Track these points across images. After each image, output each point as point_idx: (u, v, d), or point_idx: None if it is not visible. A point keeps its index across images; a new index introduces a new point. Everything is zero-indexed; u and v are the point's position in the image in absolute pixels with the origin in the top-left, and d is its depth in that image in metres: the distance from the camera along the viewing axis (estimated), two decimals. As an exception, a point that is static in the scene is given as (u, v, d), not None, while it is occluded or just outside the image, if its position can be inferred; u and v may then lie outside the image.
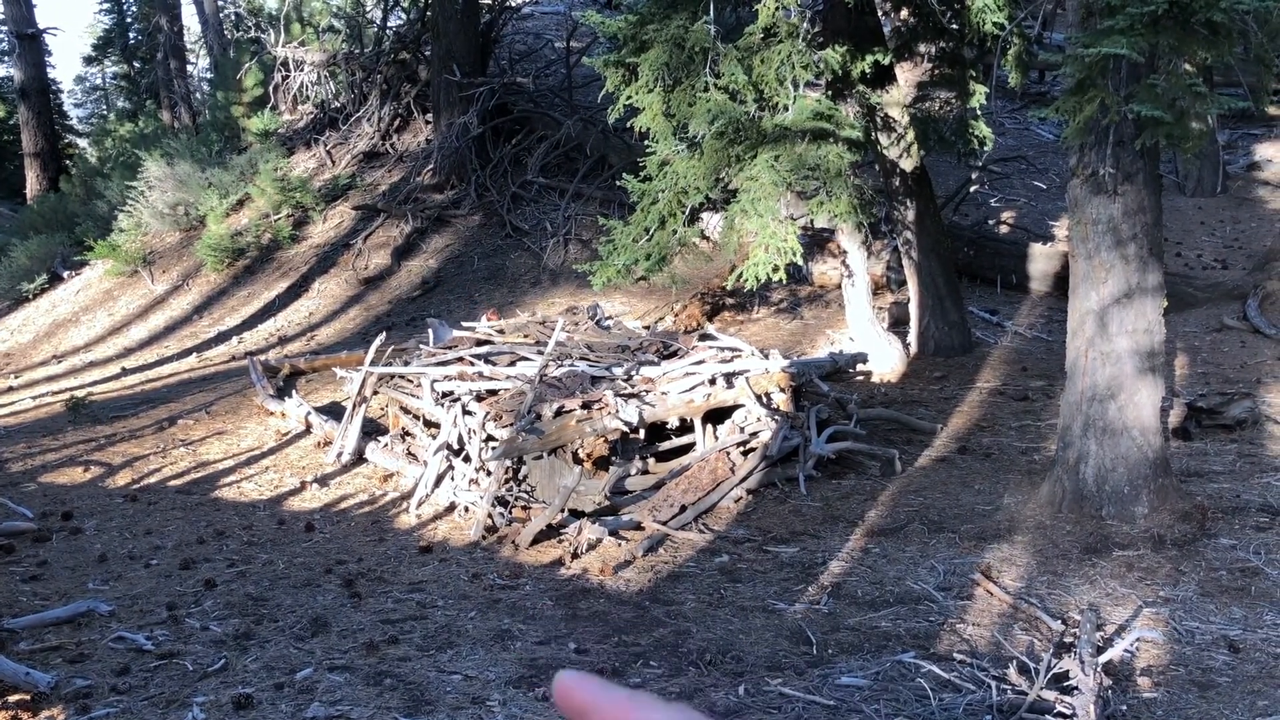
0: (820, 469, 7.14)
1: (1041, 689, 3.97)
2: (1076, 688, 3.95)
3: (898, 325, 10.60)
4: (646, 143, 8.16)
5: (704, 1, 7.67)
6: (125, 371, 12.32)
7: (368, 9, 20.42)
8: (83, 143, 34.08)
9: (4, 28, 27.31)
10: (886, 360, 9.57)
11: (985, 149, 10.71)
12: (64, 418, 9.61)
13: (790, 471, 7.00)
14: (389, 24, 18.91)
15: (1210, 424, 7.67)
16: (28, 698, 4.17)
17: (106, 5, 35.62)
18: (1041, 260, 12.08)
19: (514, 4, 18.46)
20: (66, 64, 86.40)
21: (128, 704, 4.15)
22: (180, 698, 4.18)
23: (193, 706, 4.07)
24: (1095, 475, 5.94)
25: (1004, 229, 13.87)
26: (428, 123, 16.76)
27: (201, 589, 5.50)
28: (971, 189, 14.48)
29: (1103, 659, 4.18)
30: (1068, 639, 4.52)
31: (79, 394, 10.20)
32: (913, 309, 10.15)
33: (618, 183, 9.38)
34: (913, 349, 10.05)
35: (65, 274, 16.57)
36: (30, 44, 23.79)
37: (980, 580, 5.25)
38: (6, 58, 30.98)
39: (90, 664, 4.56)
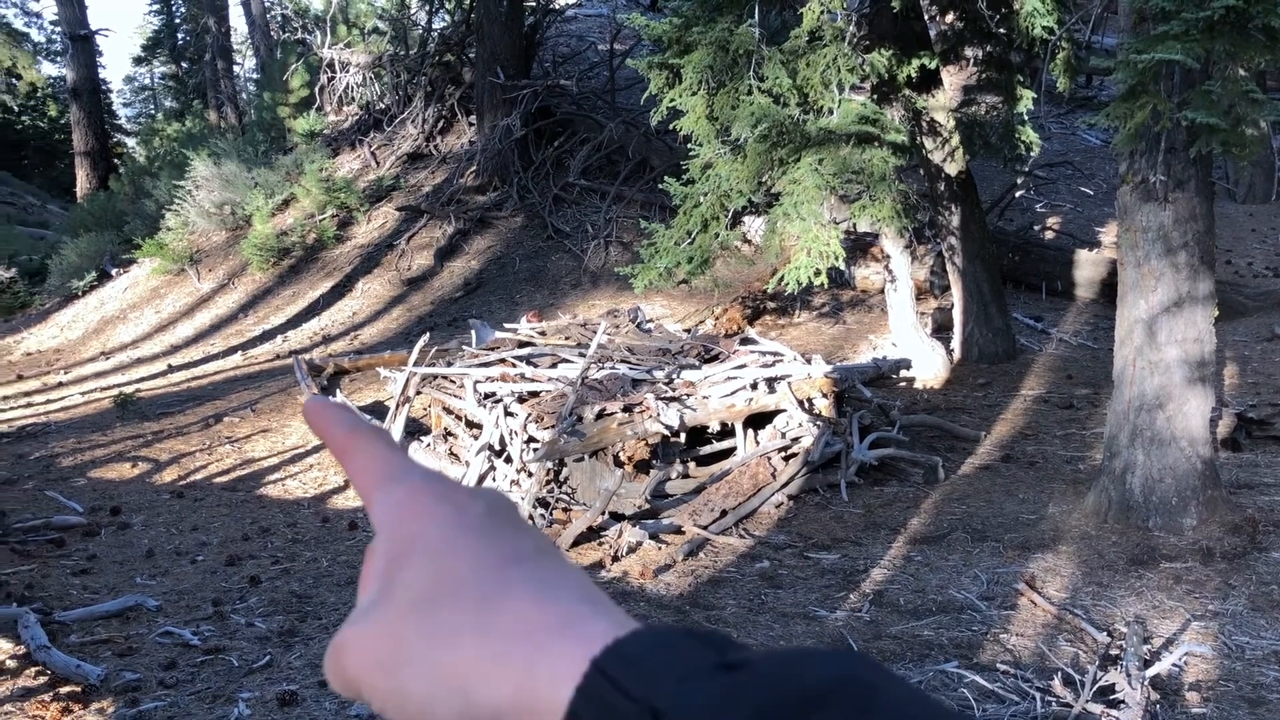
0: (862, 475, 7.10)
1: (1087, 702, 3.92)
2: (1123, 701, 3.90)
3: (941, 331, 10.52)
4: (689, 145, 8.16)
5: (749, 4, 7.66)
6: (172, 369, 12.49)
7: (413, 11, 20.58)
8: (131, 142, 34.64)
9: (58, 29, 27.77)
10: (930, 366, 9.50)
11: (1031, 154, 10.62)
12: (112, 414, 9.76)
13: (832, 477, 6.97)
14: (433, 26, 19.04)
15: (1260, 435, 7.55)
16: (78, 689, 4.24)
17: (156, 6, 36.18)
18: (1088, 267, 11.94)
19: (557, 6, 18.52)
20: (116, 64, 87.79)
21: (175, 698, 4.20)
22: (226, 693, 4.24)
23: (238, 702, 4.12)
24: (1142, 485, 5.86)
25: (1049, 235, 13.73)
26: (471, 124, 16.86)
27: (246, 585, 5.56)
28: (1017, 194, 14.35)
29: (1150, 673, 4.12)
30: (1113, 651, 4.46)
31: (127, 391, 10.35)
32: (956, 315, 10.07)
33: (659, 185, 9.39)
34: (956, 355, 9.97)
35: (114, 272, 16.83)
36: (83, 45, 24.20)
37: (1024, 590, 5.20)
38: (60, 58, 31.53)
39: (138, 658, 4.63)
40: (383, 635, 0.48)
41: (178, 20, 35.72)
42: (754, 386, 7.07)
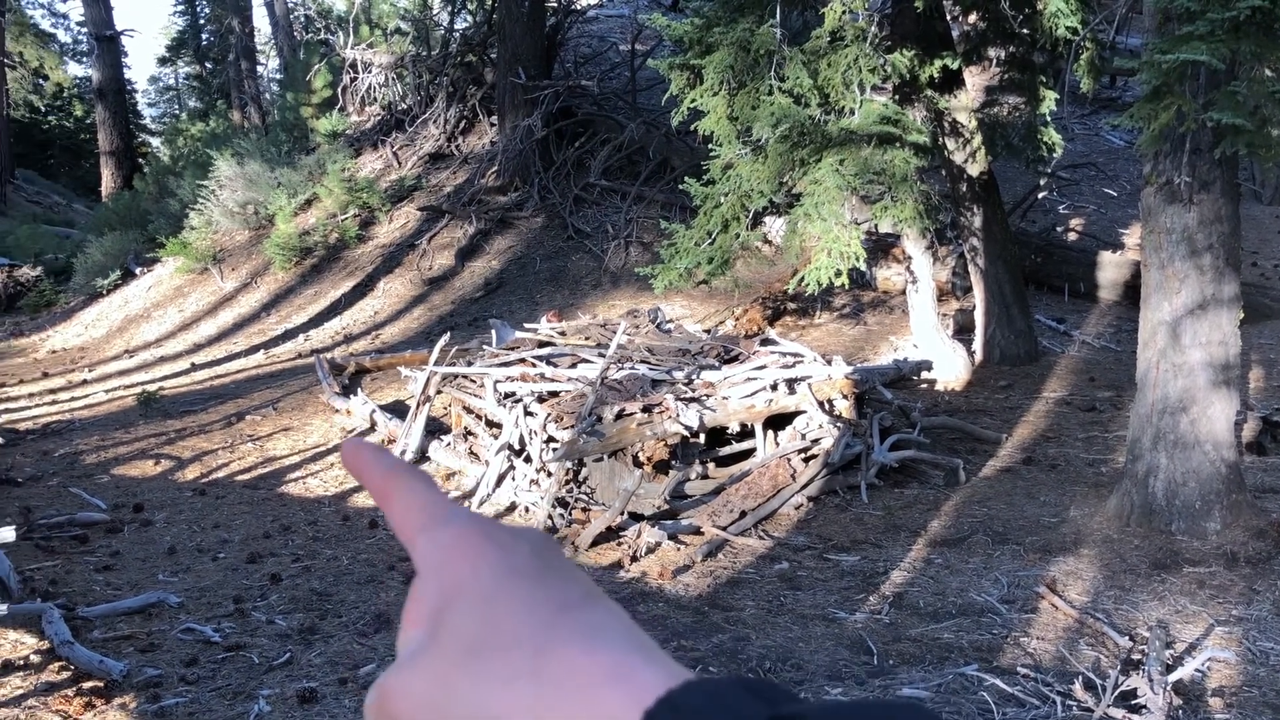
0: (882, 477, 7.07)
1: (1108, 706, 3.90)
2: (1145, 706, 3.88)
3: (962, 333, 10.47)
4: (709, 146, 8.15)
5: (770, 5, 7.65)
6: (195, 367, 12.57)
7: (435, 12, 20.65)
8: (156, 142, 34.90)
9: (84, 30, 28.02)
10: (951, 368, 9.46)
11: (1054, 155, 10.56)
12: (135, 411, 9.83)
13: (852, 479, 6.95)
14: (455, 27, 19.10)
15: (1286, 439, 7.49)
16: (101, 685, 4.28)
17: (181, 7, 36.45)
18: (1111, 268, 11.87)
19: (579, 7, 18.54)
20: (141, 65, 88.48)
21: (196, 694, 4.23)
22: (246, 690, 4.26)
23: (258, 699, 4.14)
24: (1165, 489, 5.82)
25: (1072, 236, 13.65)
26: (492, 125, 16.90)
27: (267, 583, 5.59)
28: (1040, 195, 14.27)
29: (1172, 678, 4.09)
30: (1135, 656, 4.43)
31: (150, 388, 10.43)
32: (978, 316, 10.02)
33: (680, 186, 9.38)
34: (978, 357, 9.93)
35: (138, 270, 16.96)
36: (108, 45, 24.41)
37: (1045, 593, 5.17)
38: (86, 59, 31.80)
39: (160, 654, 4.66)
40: (433, 681, 0.47)
41: (202, 21, 35.98)
42: (774, 387, 7.06)
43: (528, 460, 6.90)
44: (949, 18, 9.47)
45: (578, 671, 0.45)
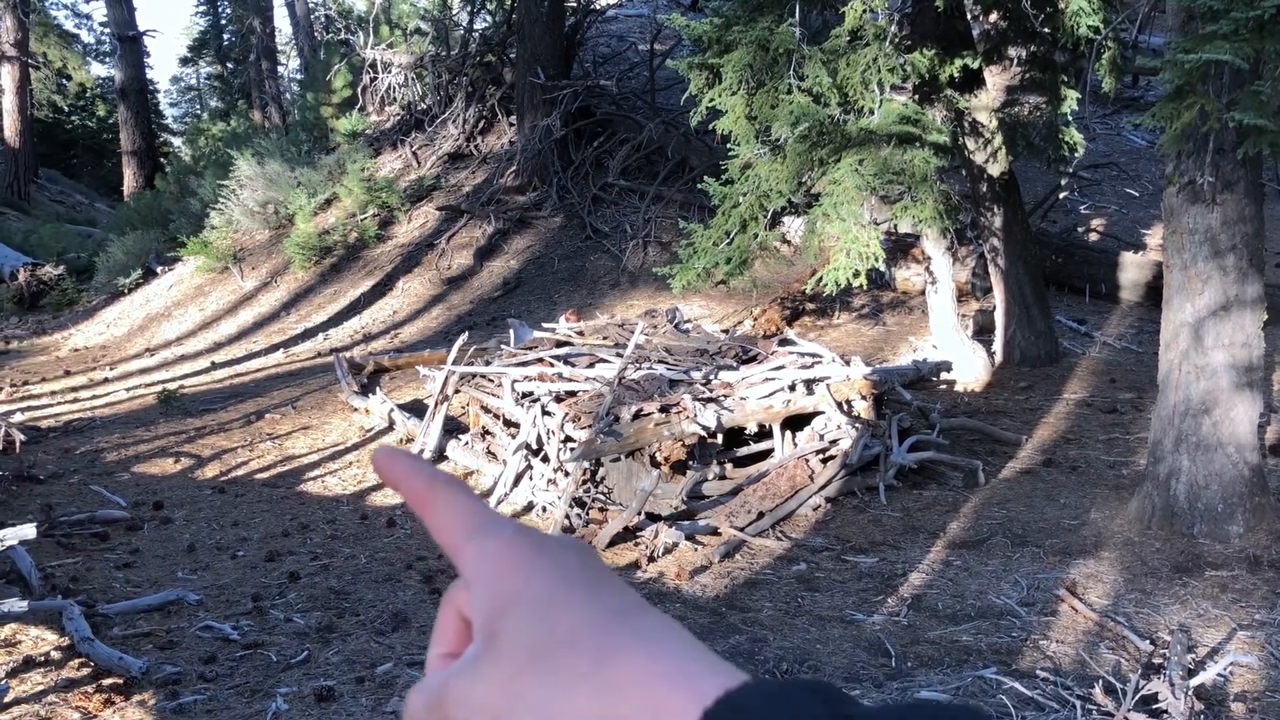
0: (901, 478, 7.04)
1: (1129, 711, 3.87)
2: (1166, 711, 3.84)
3: (982, 333, 10.42)
4: (728, 146, 8.14)
5: (789, 4, 7.63)
6: (215, 366, 12.64)
7: (454, 12, 20.70)
8: (177, 141, 35.12)
9: (107, 30, 28.21)
10: (970, 369, 9.41)
11: (1075, 155, 10.48)
12: (156, 410, 9.89)
13: (870, 480, 6.92)
14: (475, 27, 19.14)
15: (1310, 441, 7.41)
16: (120, 681, 4.30)
17: (202, 8, 36.66)
18: (1132, 269, 11.78)
19: (598, 7, 18.55)
20: (163, 65, 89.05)
21: (214, 692, 4.25)
22: (264, 688, 4.28)
23: (276, 697, 4.15)
24: (1187, 492, 5.77)
25: (1094, 237, 13.56)
26: (511, 125, 16.92)
27: (285, 581, 5.61)
28: (1061, 195, 14.18)
29: (1194, 682, 4.05)
30: (1156, 660, 4.40)
31: (170, 387, 10.49)
32: (998, 317, 9.97)
33: (698, 186, 9.36)
34: (998, 358, 9.88)
35: (159, 269, 17.06)
36: (131, 46, 24.57)
37: (1065, 596, 5.14)
38: (109, 59, 32.03)
39: (179, 651, 4.69)
40: (494, 687, 0.48)
41: (224, 21, 36.18)
42: (792, 388, 7.04)
43: (545, 460, 6.90)
44: (969, 17, 9.42)
45: (639, 674, 0.46)
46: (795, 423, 7.17)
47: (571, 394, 7.10)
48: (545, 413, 6.94)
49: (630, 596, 0.51)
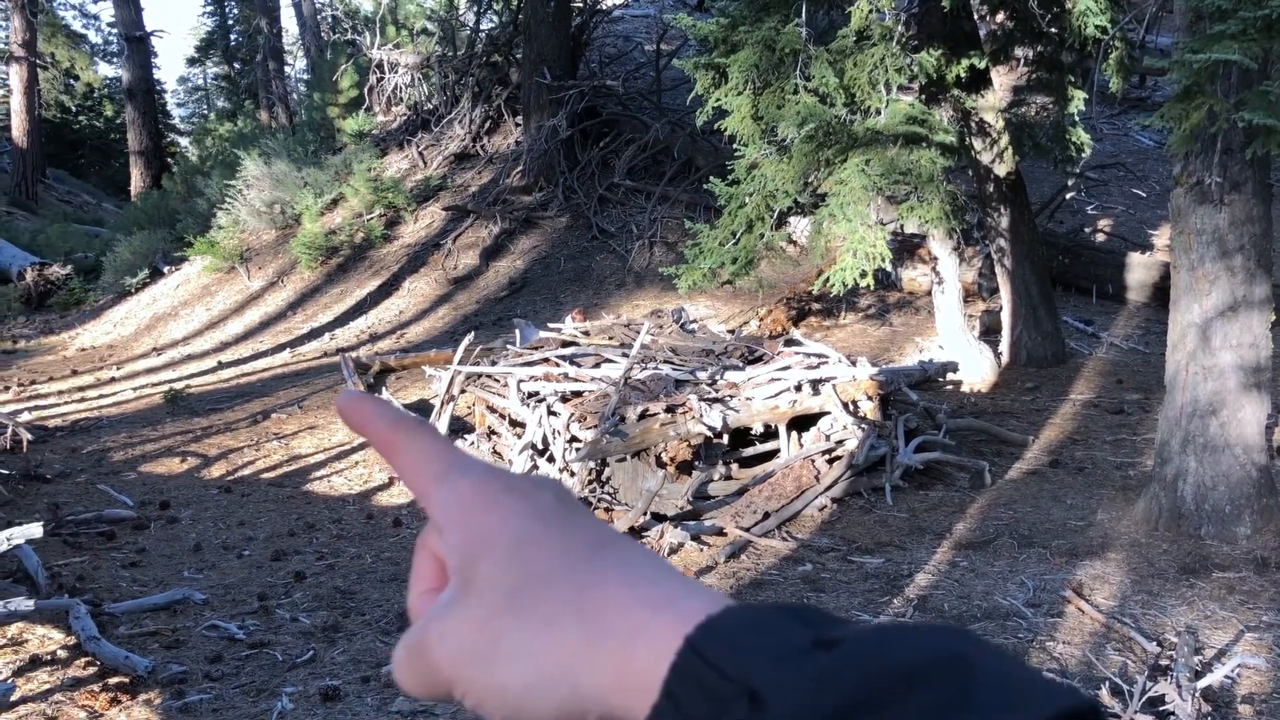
0: (907, 479, 7.03)
1: (1136, 712, 3.85)
2: (1173, 713, 3.83)
3: (989, 334, 10.40)
4: (734, 146, 8.13)
5: (796, 4, 7.62)
6: (221, 365, 12.66)
7: (461, 12, 20.71)
8: (184, 141, 35.19)
9: (115, 30, 28.30)
10: (977, 370, 9.40)
11: (1082, 155, 10.47)
12: (163, 409, 9.91)
13: (876, 481, 6.91)
14: (481, 27, 19.14)
15: (1318, 443, 7.38)
16: (127, 680, 4.31)
17: (210, 9, 36.75)
18: (1140, 270, 11.75)
19: (604, 7, 18.55)
20: (171, 65, 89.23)
21: (220, 691, 4.25)
22: (270, 687, 4.28)
23: (282, 696, 4.16)
24: (1194, 493, 5.75)
25: (1101, 237, 13.53)
26: (518, 125, 16.93)
27: (291, 580, 5.62)
28: (1068, 196, 14.16)
29: (1201, 684, 4.04)
30: (1163, 662, 4.38)
31: (177, 386, 10.51)
32: (1005, 318, 9.95)
33: (704, 186, 9.36)
34: (1004, 359, 9.86)
35: (166, 269, 17.10)
36: (138, 46, 24.63)
37: (1071, 598, 5.12)
38: (116, 59, 32.12)
39: (185, 650, 4.69)
40: (475, 629, 0.48)
41: (231, 22, 36.26)
42: (798, 388, 7.03)
43: (551, 460, 6.90)
44: (976, 17, 9.41)
45: (620, 602, 0.46)
46: (801, 423, 7.16)
47: (577, 394, 7.10)
48: (551, 413, 6.94)
49: (607, 530, 0.51)
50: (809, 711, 0.39)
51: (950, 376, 9.35)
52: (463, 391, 8.26)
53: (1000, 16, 9.50)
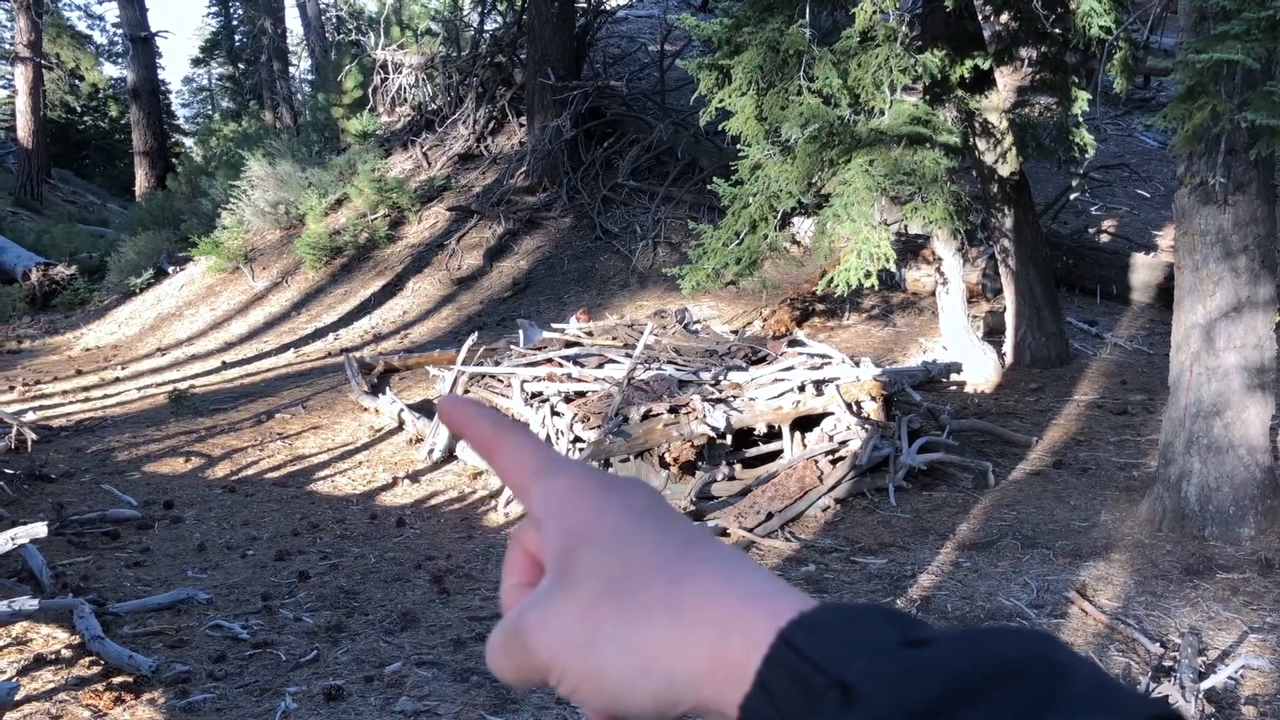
0: (910, 480, 7.03)
1: (1139, 714, 3.84)
2: (1176, 714, 3.82)
3: (993, 335, 10.39)
4: (738, 147, 8.14)
5: (800, 4, 7.62)
6: (225, 365, 12.68)
7: (465, 13, 20.72)
8: (189, 142, 35.22)
9: (120, 31, 28.34)
10: (981, 370, 9.39)
11: (1086, 156, 10.46)
12: (167, 409, 9.92)
13: (880, 482, 6.90)
14: (485, 28, 19.15)
15: (1322, 444, 7.37)
16: (130, 680, 4.31)
17: (214, 9, 36.78)
18: (1144, 270, 11.74)
19: (608, 8, 18.55)
20: (175, 66, 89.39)
21: (224, 690, 4.26)
22: (274, 687, 4.29)
23: (285, 696, 4.16)
24: (1198, 494, 5.75)
25: (1105, 238, 13.52)
26: (521, 125, 16.94)
27: (295, 580, 5.63)
28: (1071, 196, 14.14)
29: (1205, 685, 4.04)
30: (1167, 663, 4.38)
31: (181, 386, 10.52)
32: (1009, 318, 9.95)
33: (708, 186, 9.36)
34: (1008, 359, 9.85)
35: (170, 269, 17.12)
36: (143, 46, 24.66)
37: (1075, 598, 5.12)
38: (121, 60, 32.17)
39: (189, 650, 4.70)
40: (575, 618, 0.49)
41: (235, 22, 36.30)
42: (801, 389, 7.03)
43: (554, 460, 6.89)
44: (980, 17, 9.40)
45: (714, 595, 0.47)
46: (805, 424, 7.16)
47: (580, 394, 7.10)
48: (554, 413, 6.94)
49: (697, 528, 0.53)
50: (899, 705, 0.40)
51: (954, 377, 9.34)
52: (466, 391, 8.26)
53: (1004, 17, 9.50)
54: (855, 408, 7.07)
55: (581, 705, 0.50)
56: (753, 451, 7.11)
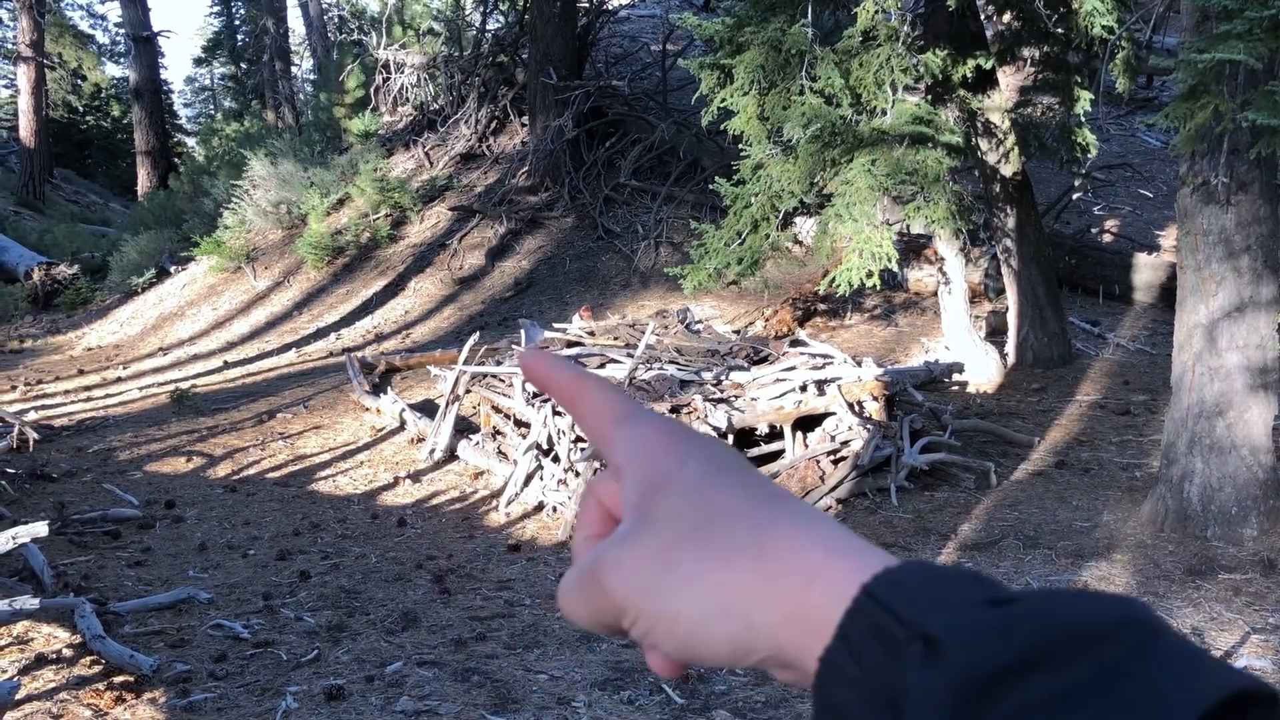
0: (912, 480, 7.02)
1: (1141, 714, 3.84)
2: (1178, 715, 3.81)
3: (995, 335, 10.38)
4: (740, 146, 8.13)
5: (802, 4, 7.61)
6: (227, 365, 12.68)
7: (467, 12, 20.72)
8: (191, 142, 35.23)
9: (122, 31, 28.35)
10: (983, 370, 9.38)
11: (1089, 156, 10.44)
12: (169, 409, 9.92)
13: (881, 482, 6.90)
14: (488, 27, 19.15)
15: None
16: (131, 679, 4.31)
17: (216, 9, 36.79)
18: (1146, 270, 11.73)
19: (610, 8, 18.55)
20: (177, 65, 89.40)
21: (225, 690, 4.26)
22: (274, 686, 4.28)
23: (286, 695, 4.16)
24: (1201, 494, 5.74)
25: (1107, 238, 13.51)
26: (523, 125, 16.94)
27: (296, 580, 5.62)
28: (1074, 196, 14.13)
29: (1207, 686, 4.02)
30: (1169, 663, 4.36)
31: (183, 386, 10.52)
32: (1011, 318, 9.93)
33: (710, 186, 9.36)
34: (1010, 359, 9.84)
35: (172, 269, 17.12)
36: (145, 46, 24.67)
37: (1077, 599, 5.10)
38: (123, 60, 32.19)
39: (190, 649, 4.70)
40: (653, 559, 0.49)
41: (237, 22, 36.30)
42: (803, 389, 7.02)
43: (556, 460, 6.90)
44: (983, 17, 9.39)
45: (798, 546, 0.47)
46: (806, 424, 7.16)
47: (582, 394, 7.09)
48: (556, 413, 6.94)
49: (779, 487, 0.52)
50: (985, 659, 0.40)
51: (956, 377, 9.33)
52: (468, 391, 8.26)
53: (1007, 17, 9.49)
54: (857, 408, 7.06)
55: (653, 650, 0.49)
56: (754, 451, 7.10)
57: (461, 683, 4.27)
